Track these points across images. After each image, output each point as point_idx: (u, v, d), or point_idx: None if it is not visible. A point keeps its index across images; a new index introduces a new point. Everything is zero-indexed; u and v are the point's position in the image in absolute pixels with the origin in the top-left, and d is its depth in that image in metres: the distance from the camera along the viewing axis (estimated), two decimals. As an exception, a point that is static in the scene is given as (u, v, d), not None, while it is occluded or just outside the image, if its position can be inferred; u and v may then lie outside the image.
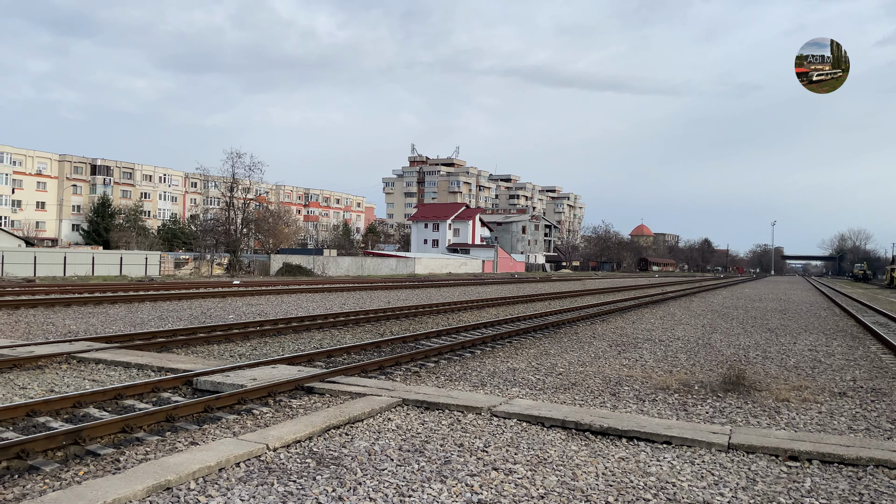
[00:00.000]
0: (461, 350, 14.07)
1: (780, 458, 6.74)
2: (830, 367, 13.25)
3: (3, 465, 6.05)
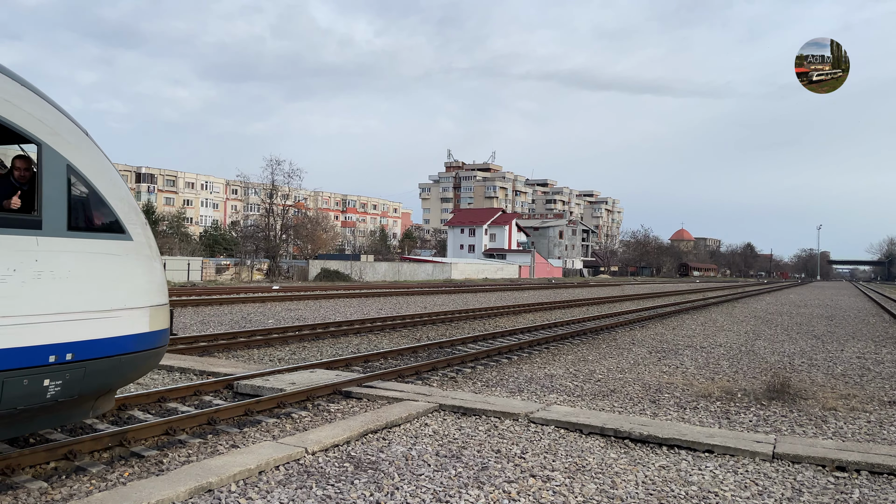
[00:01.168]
0: (498, 355, 14.03)
1: (827, 469, 6.55)
2: (880, 376, 12.84)
3: (52, 466, 6.23)
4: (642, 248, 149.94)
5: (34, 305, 5.19)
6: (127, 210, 6.09)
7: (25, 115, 5.29)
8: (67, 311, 5.45)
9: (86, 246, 5.67)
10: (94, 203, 5.82)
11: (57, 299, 5.37)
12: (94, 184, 5.78)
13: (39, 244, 5.26)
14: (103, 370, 5.87)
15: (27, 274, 5.15)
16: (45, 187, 5.35)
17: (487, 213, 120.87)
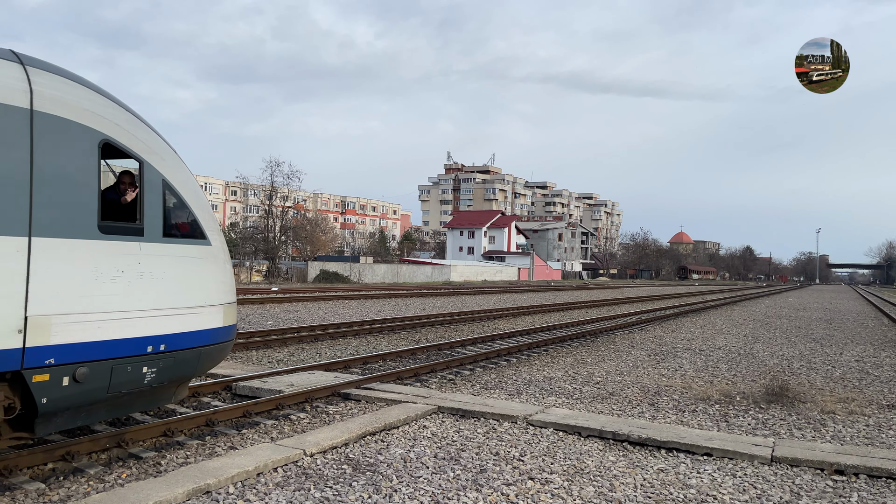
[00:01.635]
0: (497, 358, 14.02)
1: (825, 472, 6.55)
2: (878, 379, 12.84)
3: (50, 467, 6.22)
4: (641, 250, 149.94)
5: (137, 302, 6.07)
6: (207, 218, 6.99)
7: (131, 136, 6.23)
8: (162, 308, 6.32)
9: (176, 250, 6.54)
10: (183, 213, 6.72)
11: (154, 297, 6.23)
12: (183, 196, 6.67)
13: (141, 249, 6.17)
14: (188, 360, 6.70)
15: (132, 274, 6.05)
16: (146, 199, 6.27)
17: (487, 215, 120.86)
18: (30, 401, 5.52)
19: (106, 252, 5.88)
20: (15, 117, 5.35)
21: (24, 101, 5.43)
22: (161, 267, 6.33)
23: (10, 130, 5.31)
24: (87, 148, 5.85)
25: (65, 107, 5.75)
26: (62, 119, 5.68)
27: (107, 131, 6.02)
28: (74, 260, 5.67)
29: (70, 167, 5.72)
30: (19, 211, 5.30)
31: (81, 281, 5.69)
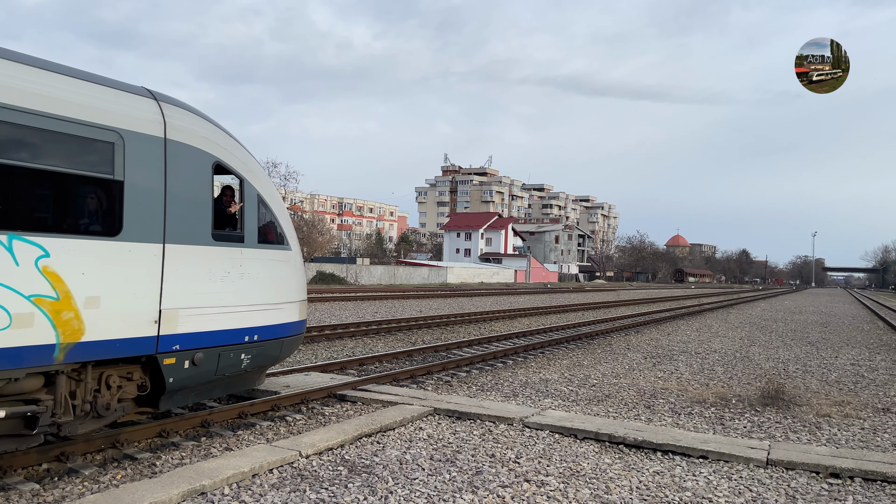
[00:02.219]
0: (493, 360, 14.02)
1: (820, 475, 6.56)
2: (874, 382, 12.87)
3: (44, 468, 6.20)
4: (638, 253, 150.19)
5: (239, 298, 7.27)
6: (287, 227, 8.20)
7: (234, 157, 7.43)
8: (256, 303, 7.51)
9: (267, 255, 7.76)
10: (271, 222, 7.90)
11: (250, 294, 7.42)
12: (272, 208, 7.90)
13: (242, 254, 7.38)
14: (273, 349, 7.95)
15: (235, 275, 7.23)
16: (246, 211, 7.51)
17: (484, 217, 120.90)
18: (158, 381, 6.69)
19: (217, 256, 7.09)
20: (153, 145, 6.51)
21: (159, 132, 6.60)
22: (256, 268, 7.55)
23: (151, 156, 6.47)
24: (204, 168, 7.02)
25: (188, 135, 6.90)
26: (186, 145, 6.86)
27: (217, 154, 7.22)
28: (194, 263, 6.84)
29: (192, 185, 6.87)
30: (157, 222, 6.48)
31: (199, 280, 6.87)
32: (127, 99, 6.51)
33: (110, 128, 6.17)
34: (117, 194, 6.19)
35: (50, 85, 5.85)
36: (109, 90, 6.40)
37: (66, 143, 5.92)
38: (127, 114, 6.39)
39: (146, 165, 6.42)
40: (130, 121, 6.38)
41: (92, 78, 6.34)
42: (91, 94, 6.18)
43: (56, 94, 5.83)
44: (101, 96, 6.27)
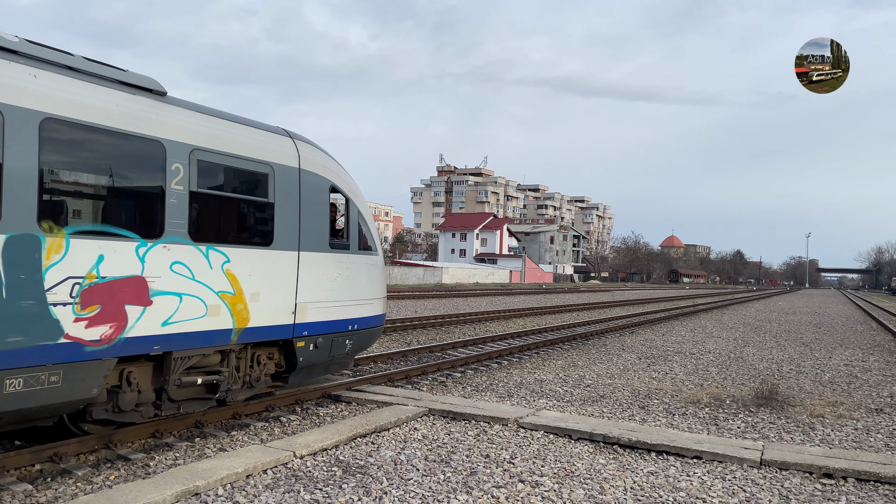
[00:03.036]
0: (488, 360, 14.02)
1: (814, 476, 6.58)
2: (867, 383, 12.92)
3: (37, 468, 6.17)
4: (633, 254, 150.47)
5: (345, 294, 9.13)
6: (375, 236, 10.14)
7: (342, 181, 9.35)
8: (356, 299, 9.38)
9: (363, 259, 9.62)
10: (366, 233, 9.75)
11: (352, 291, 9.29)
12: (367, 221, 9.81)
13: (348, 259, 9.23)
14: (365, 336, 9.74)
15: (343, 276, 9.09)
16: (350, 224, 9.41)
17: (479, 217, 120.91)
18: (290, 360, 8.54)
19: (331, 261, 8.91)
20: (292, 174, 8.33)
21: (295, 163, 8.43)
22: (356, 271, 9.40)
23: (290, 182, 8.29)
24: (324, 191, 8.89)
25: (313, 164, 8.76)
26: (312, 173, 8.71)
27: (332, 179, 9.09)
28: (317, 266, 8.64)
29: (317, 204, 8.68)
30: (294, 234, 8.27)
31: (320, 280, 8.70)
32: (275, 139, 8.32)
33: (267, 162, 8.00)
34: (270, 213, 8.01)
35: (235, 132, 7.67)
36: (265, 133, 8.24)
37: (242, 175, 7.75)
38: (276, 151, 8.19)
39: (288, 190, 8.24)
40: (278, 156, 8.18)
41: (253, 123, 8.20)
42: (257, 137, 8.01)
43: (240, 139, 7.71)
44: (262, 138, 8.09)
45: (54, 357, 5.81)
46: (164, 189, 6.76)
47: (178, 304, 6.88)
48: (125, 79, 6.75)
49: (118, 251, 6.35)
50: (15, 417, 5.78)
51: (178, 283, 6.89)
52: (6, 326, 5.49)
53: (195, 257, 7.05)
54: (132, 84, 6.77)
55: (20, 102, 5.65)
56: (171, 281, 6.81)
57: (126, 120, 6.50)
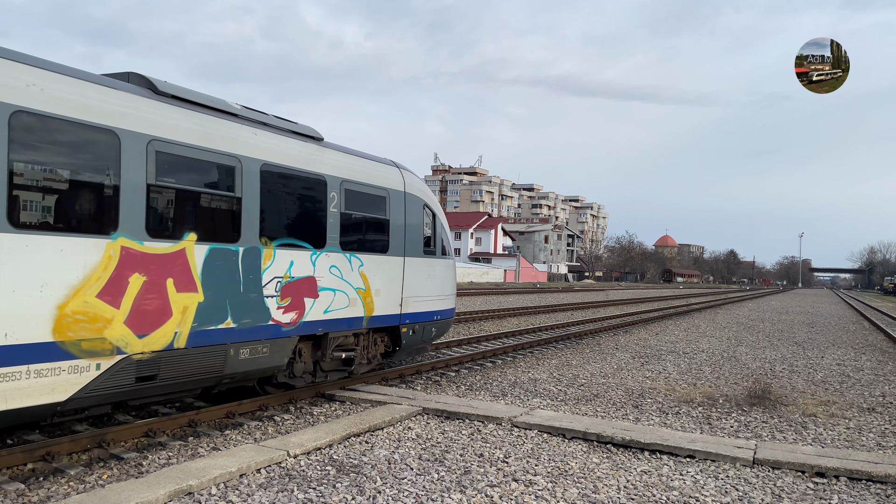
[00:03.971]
0: (482, 359, 14.03)
1: (806, 475, 6.61)
2: (859, 382, 12.98)
3: (30, 468, 6.15)
4: (627, 253, 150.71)
5: (431, 290, 11.43)
6: (450, 243, 12.40)
7: (431, 200, 11.69)
8: (438, 294, 11.71)
9: (442, 262, 11.90)
10: (445, 242, 12.07)
11: (436, 288, 11.60)
12: (446, 231, 12.13)
13: (435, 262, 11.58)
14: (443, 325, 12.13)
15: (430, 276, 11.35)
16: (436, 235, 11.67)
17: (473, 216, 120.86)
18: (395, 343, 10.83)
19: (424, 264, 11.26)
20: (400, 196, 10.67)
21: (402, 188, 10.78)
22: (438, 271, 11.72)
23: (398, 203, 10.60)
24: (420, 208, 11.24)
25: (413, 188, 11.14)
26: (413, 195, 11.08)
27: (424, 199, 11.46)
28: (415, 268, 10.99)
29: (416, 219, 11.07)
30: (401, 243, 10.63)
31: (416, 279, 11.01)
32: (388, 169, 10.72)
33: (384, 188, 10.35)
34: (387, 227, 10.36)
35: (365, 166, 10.07)
36: (382, 164, 10.63)
37: (370, 199, 10.02)
38: (389, 178, 10.55)
39: (397, 209, 10.60)
40: (391, 183, 10.54)
41: (373, 157, 10.62)
42: (377, 169, 10.36)
43: (368, 171, 10.06)
44: (381, 170, 10.46)
45: (265, 335, 8.12)
46: (326, 212, 9.09)
47: (333, 297, 9.21)
48: (300, 129, 9.15)
49: (301, 258, 8.62)
50: (241, 377, 8.17)
51: (334, 281, 9.22)
52: (243, 312, 7.78)
53: (343, 262, 9.41)
54: (304, 133, 9.16)
55: (250, 154, 7.92)
56: (329, 280, 9.13)
57: (305, 162, 8.80)
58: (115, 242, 6.41)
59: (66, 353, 6.01)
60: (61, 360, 5.97)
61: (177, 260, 7.03)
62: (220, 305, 7.52)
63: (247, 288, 7.78)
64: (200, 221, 7.42)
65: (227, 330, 7.62)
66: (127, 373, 6.60)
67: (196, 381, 7.57)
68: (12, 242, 5.61)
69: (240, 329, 7.73)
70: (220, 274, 7.49)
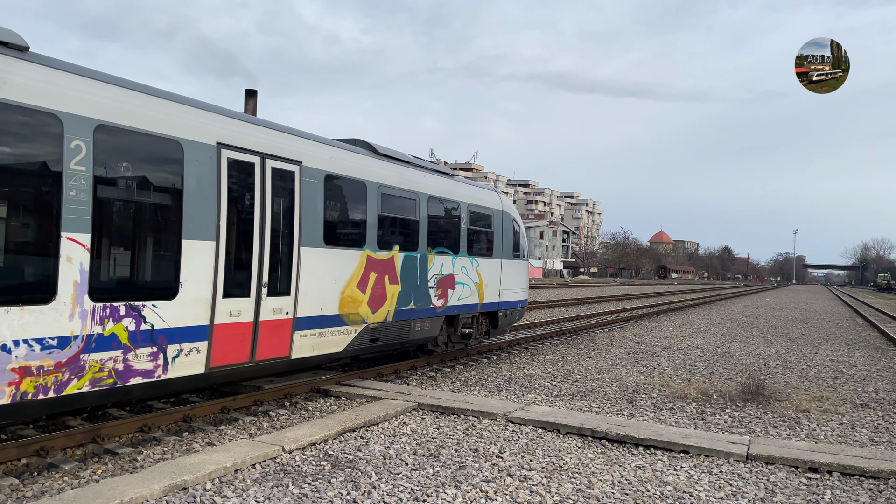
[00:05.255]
0: (477, 355, 14.04)
1: (799, 470, 6.64)
2: (852, 378, 13.05)
3: (24, 463, 6.13)
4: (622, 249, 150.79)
5: (516, 284, 14.61)
6: (525, 244, 15.36)
7: (516, 214, 14.98)
8: (520, 287, 14.87)
9: (523, 263, 15.15)
10: (524, 247, 15.16)
11: (518, 282, 14.79)
12: (524, 238, 15.19)
13: (518, 263, 14.83)
14: (521, 312, 15.23)
15: (516, 273, 14.63)
16: (520, 242, 14.92)
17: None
18: (494, 323, 13.94)
19: (513, 264, 14.43)
20: (498, 214, 13.93)
21: (500, 207, 14.05)
22: (520, 270, 14.97)
23: (497, 219, 13.88)
24: (511, 223, 14.45)
25: (506, 207, 14.34)
26: (506, 212, 14.29)
27: (513, 214, 14.70)
28: (509, 267, 14.17)
29: (509, 230, 14.29)
30: (500, 249, 13.85)
31: (509, 275, 14.15)
32: (492, 193, 14.24)
33: (490, 209, 13.70)
34: (492, 238, 13.67)
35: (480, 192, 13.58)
36: (489, 190, 14.26)
37: (483, 217, 13.36)
38: (493, 201, 13.99)
39: (497, 224, 13.92)
40: (494, 204, 13.95)
41: (484, 186, 14.37)
42: (488, 194, 13.98)
43: (481, 196, 13.53)
44: (489, 195, 14.00)
45: (429, 314, 11.61)
46: (460, 228, 12.59)
47: (462, 289, 12.56)
48: (441, 169, 12.77)
49: (446, 261, 12.08)
50: (415, 343, 11.76)
51: (463, 277, 12.59)
52: (418, 298, 11.23)
53: (468, 264, 12.75)
54: (444, 172, 12.80)
55: (423, 190, 11.45)
56: (460, 276, 12.50)
57: (448, 193, 12.34)
58: (364, 252, 9.98)
59: (343, 321, 9.58)
60: (341, 325, 9.55)
61: (389, 263, 10.57)
62: (408, 294, 11.01)
63: (420, 281, 11.33)
64: (400, 237, 10.90)
65: (411, 310, 11.11)
66: (365, 336, 10.11)
67: (395, 344, 11.19)
68: (324, 253, 9.13)
69: (417, 310, 11.24)
70: (408, 272, 10.98)
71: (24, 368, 5.72)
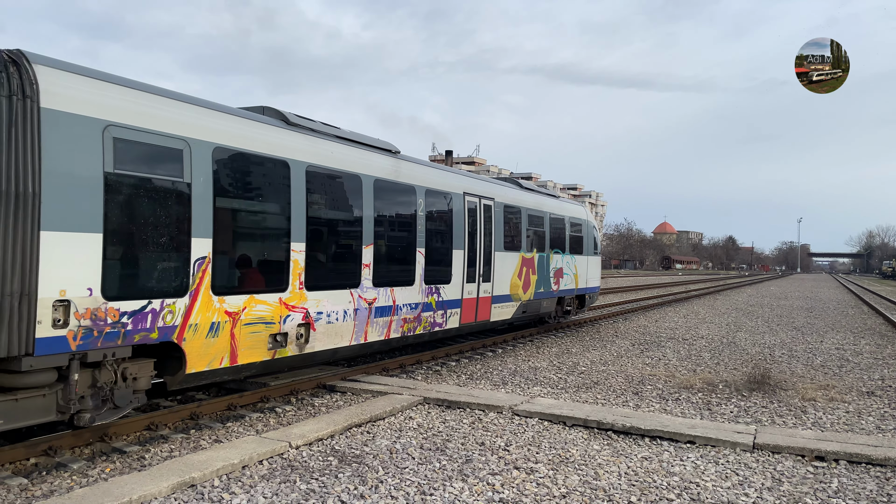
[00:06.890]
0: (482, 348, 14.06)
1: (806, 459, 6.64)
2: (858, 366, 13.03)
3: (32, 462, 6.17)
4: (625, 241, 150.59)
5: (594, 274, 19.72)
6: (599, 240, 20.48)
7: (588, 214, 19.74)
8: (594, 276, 19.82)
9: (597, 258, 20.17)
10: (598, 244, 20.10)
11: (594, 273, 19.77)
12: (598, 237, 20.20)
13: (594, 258, 19.76)
14: (596, 296, 20.85)
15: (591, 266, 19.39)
16: (596, 242, 19.94)
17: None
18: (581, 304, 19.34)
19: (593, 260, 19.42)
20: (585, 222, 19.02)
21: (586, 218, 19.21)
22: (596, 263, 19.74)
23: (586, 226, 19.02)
24: (592, 228, 19.48)
25: (589, 217, 19.58)
26: (589, 221, 19.46)
27: (593, 222, 19.76)
28: (590, 262, 19.15)
29: (591, 234, 19.31)
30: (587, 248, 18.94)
31: (588, 268, 18.99)
32: (579, 207, 19.07)
33: (580, 219, 18.57)
34: (581, 240, 18.35)
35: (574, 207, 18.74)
36: (579, 205, 19.19)
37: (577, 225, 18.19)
38: (580, 212, 18.84)
39: (585, 229, 18.72)
40: (581, 214, 18.73)
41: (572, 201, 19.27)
42: (579, 207, 18.91)
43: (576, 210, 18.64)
44: (580, 208, 18.99)
45: (550, 296, 16.25)
46: (566, 234, 17.22)
47: (567, 277, 17.16)
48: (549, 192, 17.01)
49: (559, 258, 16.61)
50: (541, 316, 16.74)
51: (567, 269, 17.15)
52: (545, 284, 15.86)
53: (569, 260, 17.31)
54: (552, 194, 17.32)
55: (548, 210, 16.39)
56: (566, 269, 17.06)
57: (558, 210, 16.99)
58: (520, 253, 14.63)
59: (510, 299, 14.20)
60: (510, 302, 14.18)
61: (531, 260, 15.14)
62: (540, 281, 15.50)
63: (546, 272, 15.88)
64: (536, 243, 15.46)
65: (541, 292, 15.64)
66: (521, 309, 14.73)
67: (533, 315, 15.84)
68: (502, 255, 13.73)
69: (544, 292, 15.78)
70: (540, 266, 15.55)
71: (404, 319, 10.74)
